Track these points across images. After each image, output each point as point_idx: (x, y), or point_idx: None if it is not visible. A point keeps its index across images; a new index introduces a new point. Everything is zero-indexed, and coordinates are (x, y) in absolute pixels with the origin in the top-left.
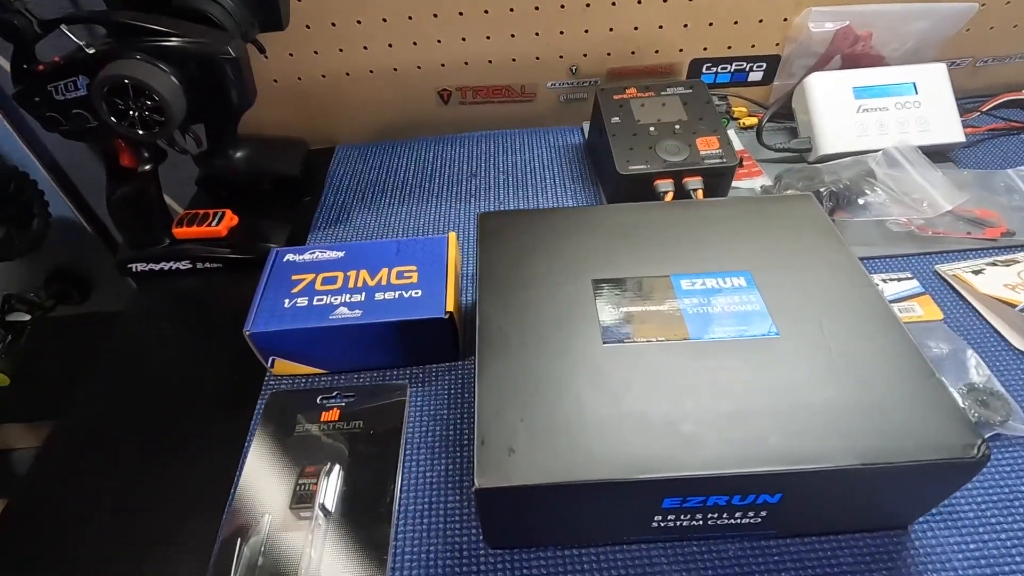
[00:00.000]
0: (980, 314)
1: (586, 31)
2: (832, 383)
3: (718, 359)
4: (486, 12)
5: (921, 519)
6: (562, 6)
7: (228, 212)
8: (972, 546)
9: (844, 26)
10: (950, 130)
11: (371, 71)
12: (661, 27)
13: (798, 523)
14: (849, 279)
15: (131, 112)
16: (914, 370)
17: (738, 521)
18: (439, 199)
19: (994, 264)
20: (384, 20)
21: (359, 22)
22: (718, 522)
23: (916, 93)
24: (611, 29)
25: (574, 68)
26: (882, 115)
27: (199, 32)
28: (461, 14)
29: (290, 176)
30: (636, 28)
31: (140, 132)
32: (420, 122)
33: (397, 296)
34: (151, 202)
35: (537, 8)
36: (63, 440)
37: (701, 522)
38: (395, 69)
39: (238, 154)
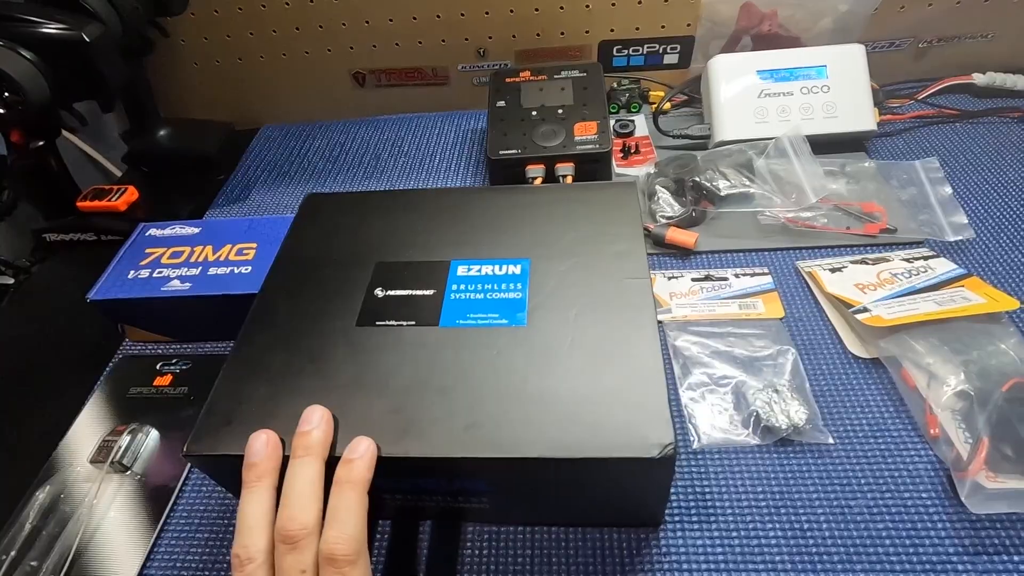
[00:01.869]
0: (825, 314)
1: (487, 13)
2: (554, 376)
3: (455, 346)
4: None
5: (678, 519)
6: None
7: (130, 188)
8: (718, 548)
9: (745, 4)
10: (860, 118)
11: (284, 54)
12: (562, 8)
13: (530, 512)
14: (625, 272)
15: None
16: (643, 368)
17: (464, 505)
18: (338, 181)
19: (863, 262)
20: (287, 4)
21: (263, 6)
22: (450, 504)
23: (826, 77)
24: (512, 11)
25: (482, 51)
26: (786, 100)
27: (60, 18)
28: None
29: (207, 155)
30: (537, 10)
31: (2, 112)
32: (340, 104)
33: (228, 272)
34: (53, 176)
35: None
36: None
37: (432, 503)
38: (307, 52)
39: (160, 133)
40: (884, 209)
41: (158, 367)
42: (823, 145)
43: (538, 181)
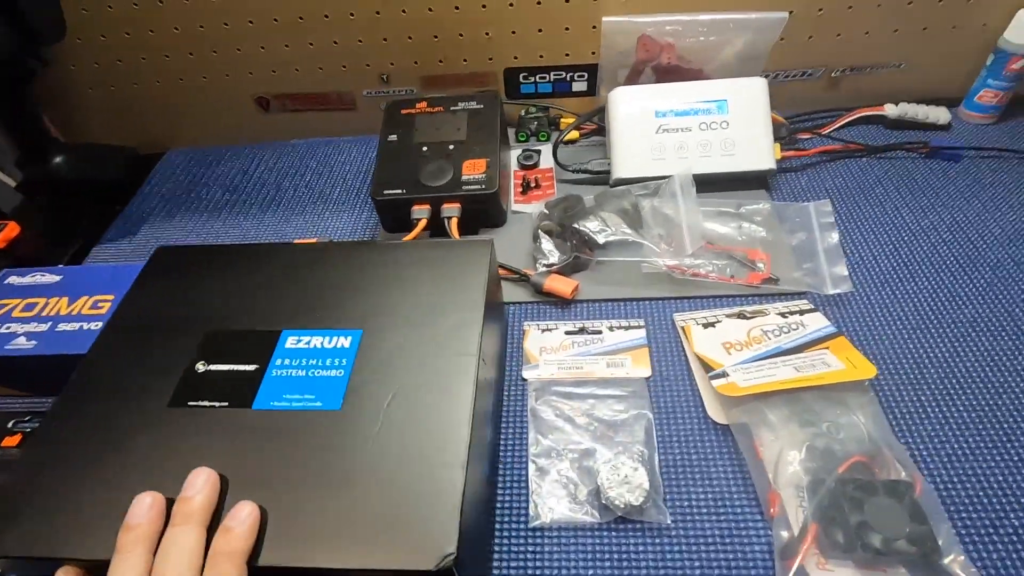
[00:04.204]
0: (692, 375)
1: (385, 39)
2: (352, 471)
3: (262, 433)
4: (275, 20)
5: None
6: (351, 14)
7: (11, 224)
8: None
9: (642, 36)
10: (758, 156)
11: (180, 79)
12: (462, 35)
13: None
14: (456, 345)
15: None
16: (445, 461)
17: None
18: (233, 214)
19: (740, 315)
20: (176, 29)
21: (152, 32)
22: None
23: (726, 112)
24: (410, 38)
25: (385, 77)
26: (684, 136)
27: None
28: (251, 22)
29: (107, 181)
30: (436, 37)
31: None
32: (247, 128)
33: (78, 328)
34: None
35: (327, 16)
36: None
37: None
38: (204, 77)
39: (57, 160)
40: (768, 257)
41: (10, 425)
42: (726, 182)
43: (423, 223)
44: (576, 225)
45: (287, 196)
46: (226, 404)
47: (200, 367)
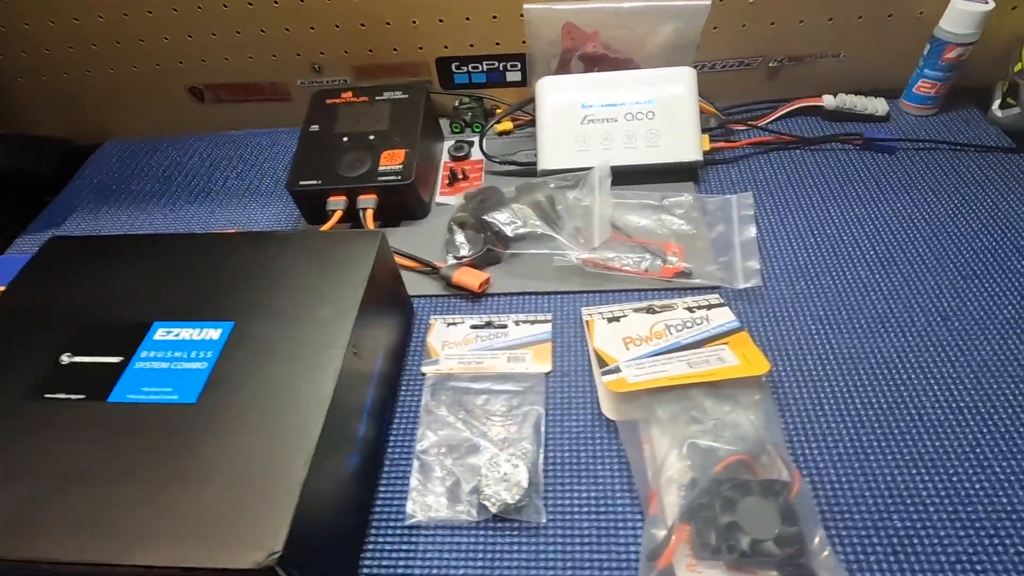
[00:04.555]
0: (591, 370)
1: (312, 28)
2: (194, 468)
3: (112, 427)
4: (199, 8)
5: None
6: (275, 2)
7: None
8: None
9: (566, 24)
10: (685, 147)
11: (111, 69)
12: (389, 24)
13: None
14: (326, 338)
15: None
16: (288, 457)
17: None
18: (162, 205)
19: (649, 310)
20: (100, 17)
21: (76, 20)
22: None
23: (652, 103)
24: (337, 26)
25: (317, 66)
26: (609, 127)
27: None
28: (175, 10)
29: (39, 173)
30: (363, 25)
31: None
32: (183, 119)
33: None
34: None
35: (251, 4)
36: None
37: None
38: (135, 67)
39: None
40: (682, 250)
41: None
42: (656, 175)
43: (338, 214)
44: (486, 217)
45: (217, 188)
46: (83, 396)
47: (65, 359)
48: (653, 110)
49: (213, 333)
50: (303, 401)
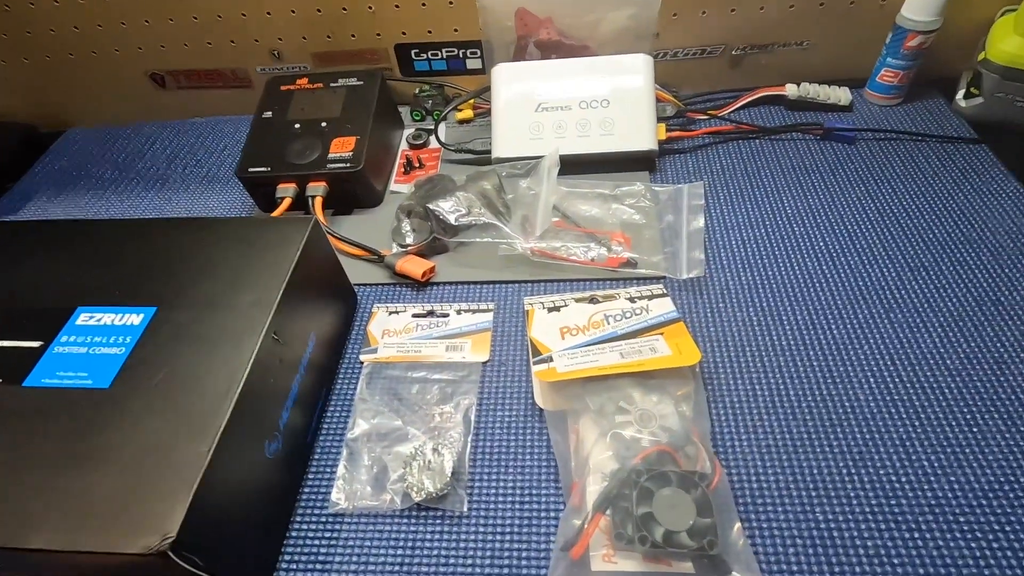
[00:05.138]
0: (528, 359)
1: (268, 13)
2: (98, 450)
3: (21, 410)
4: None
5: None
6: None
7: None
8: None
9: (519, 10)
10: (639, 136)
11: (71, 55)
12: (345, 10)
13: None
14: (244, 325)
15: None
16: (192, 442)
17: None
18: (120, 194)
19: (591, 300)
20: (56, 3)
21: (32, 4)
22: None
23: (607, 90)
24: (293, 12)
25: (276, 53)
26: (563, 115)
27: None
28: None
29: None
30: (319, 11)
31: None
32: (145, 106)
33: None
34: None
35: None
36: None
37: None
38: (94, 52)
39: None
40: (628, 239)
41: None
42: (612, 163)
43: (287, 201)
44: (431, 206)
45: (175, 175)
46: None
47: None
48: (608, 98)
49: (135, 319)
50: (213, 387)
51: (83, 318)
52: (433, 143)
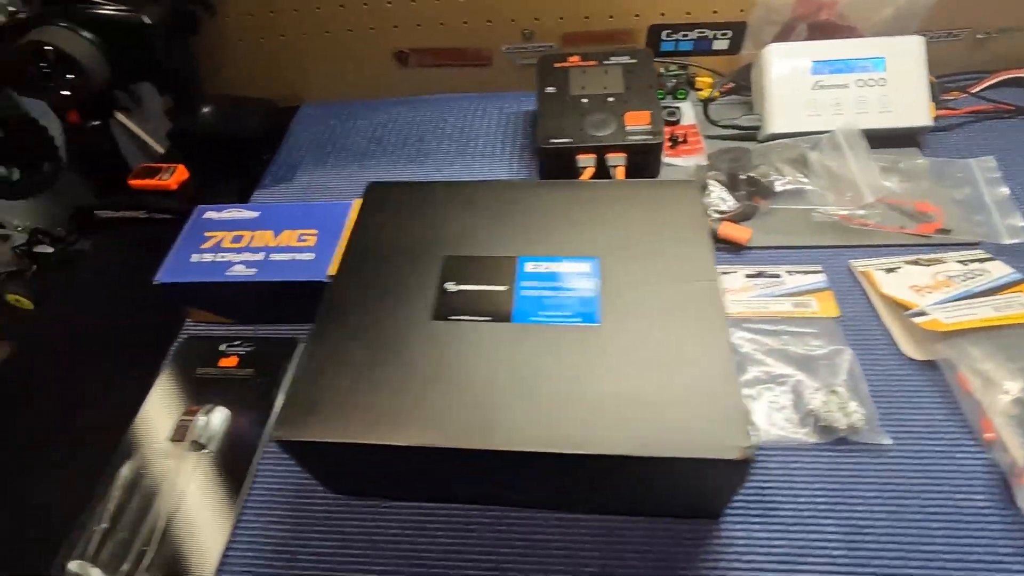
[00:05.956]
0: (879, 315)
1: None
2: (631, 376)
3: (530, 343)
4: None
5: (738, 511)
6: None
7: (180, 167)
8: (779, 542)
9: None
10: (915, 112)
11: (327, 32)
12: None
13: (599, 502)
14: (693, 273)
15: (51, 74)
16: (715, 370)
17: (535, 495)
18: (383, 164)
19: (916, 263)
20: None
21: None
22: (522, 494)
23: (883, 69)
24: None
25: (527, 32)
26: (840, 93)
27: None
28: None
29: (253, 135)
30: None
31: (61, 94)
32: (381, 83)
33: (290, 258)
34: (105, 154)
35: None
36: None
37: (504, 492)
38: (350, 30)
39: (205, 111)
40: (940, 209)
41: (221, 348)
42: (875, 140)
43: (588, 171)
44: (752, 174)
45: (431, 148)
46: (488, 319)
47: (450, 287)
48: (884, 77)
49: (583, 267)
50: (705, 326)
51: (530, 266)
52: (684, 120)
